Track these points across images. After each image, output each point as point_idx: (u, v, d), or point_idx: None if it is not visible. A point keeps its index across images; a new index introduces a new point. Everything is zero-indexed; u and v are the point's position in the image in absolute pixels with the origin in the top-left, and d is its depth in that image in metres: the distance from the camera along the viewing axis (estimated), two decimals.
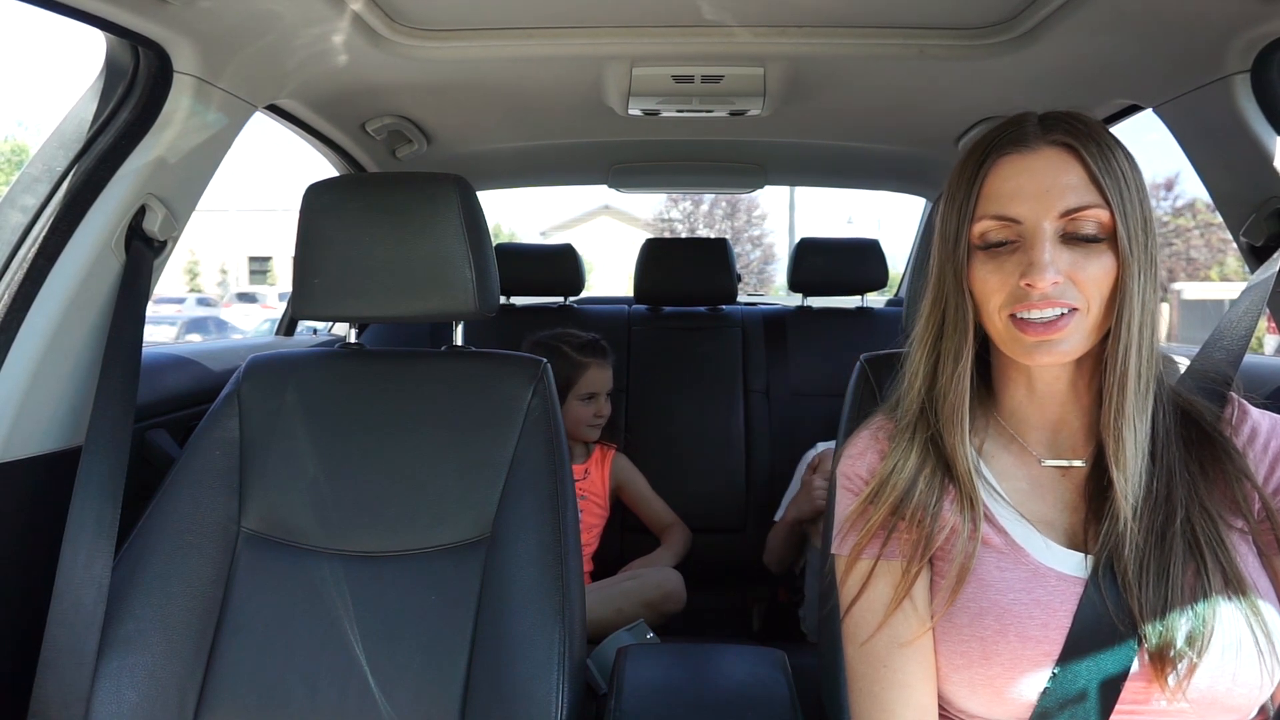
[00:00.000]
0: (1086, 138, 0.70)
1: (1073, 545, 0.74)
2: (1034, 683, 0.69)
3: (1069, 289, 0.69)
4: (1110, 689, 0.68)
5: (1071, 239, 0.69)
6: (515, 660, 0.96)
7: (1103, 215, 0.69)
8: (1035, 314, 0.70)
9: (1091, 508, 0.73)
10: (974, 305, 0.74)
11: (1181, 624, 0.66)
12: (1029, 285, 0.69)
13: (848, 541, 0.79)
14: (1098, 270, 0.69)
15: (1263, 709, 0.70)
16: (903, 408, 0.80)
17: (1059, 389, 0.76)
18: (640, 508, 1.97)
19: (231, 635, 1.01)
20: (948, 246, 0.75)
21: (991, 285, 0.72)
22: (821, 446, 1.86)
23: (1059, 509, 0.76)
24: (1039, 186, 0.70)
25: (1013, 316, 0.71)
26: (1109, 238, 0.69)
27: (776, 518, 1.84)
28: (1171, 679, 0.66)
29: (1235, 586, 0.67)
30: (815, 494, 1.69)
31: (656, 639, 1.50)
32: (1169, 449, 0.72)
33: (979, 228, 0.72)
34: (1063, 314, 0.69)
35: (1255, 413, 0.76)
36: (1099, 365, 0.74)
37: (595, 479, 1.92)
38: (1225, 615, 0.66)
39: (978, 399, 0.80)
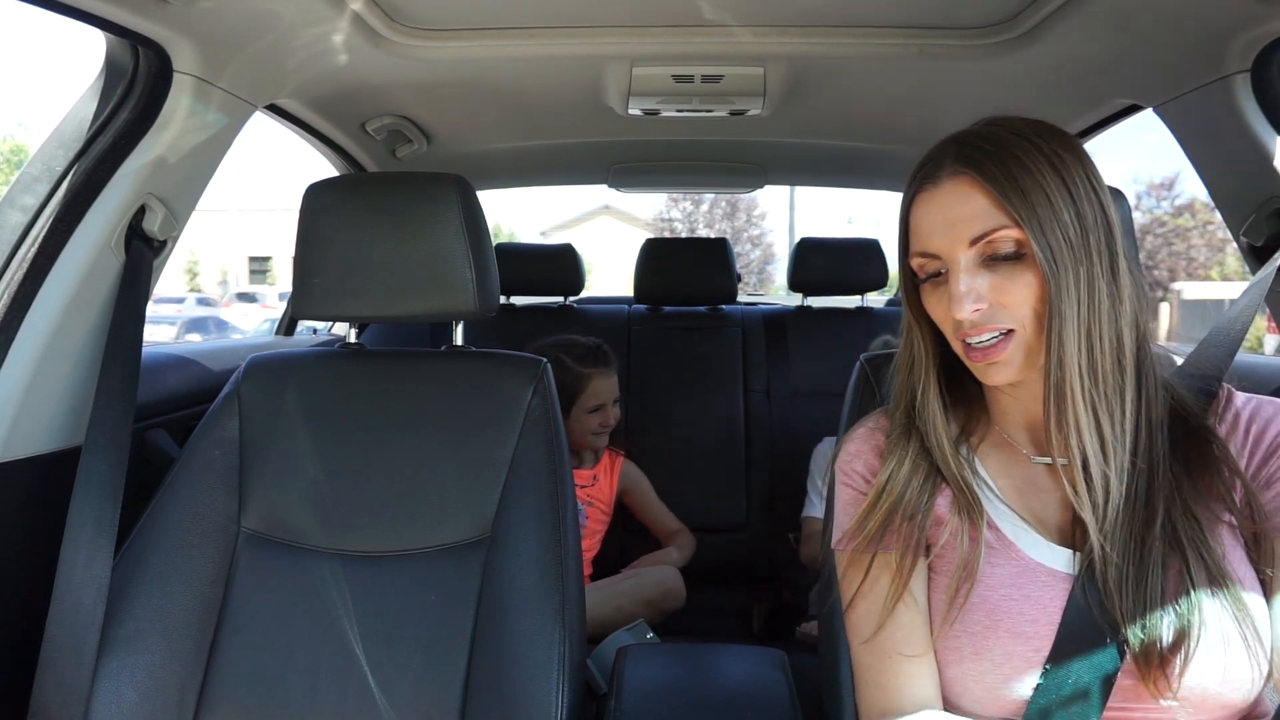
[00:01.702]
0: (987, 159, 0.70)
1: (1063, 542, 0.74)
2: (1025, 679, 0.70)
3: (996, 313, 0.70)
4: (1102, 687, 0.68)
5: (993, 262, 0.70)
6: (515, 660, 0.96)
7: (1012, 234, 0.69)
8: (974, 340, 0.72)
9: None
10: (933, 332, 0.78)
11: (1164, 626, 0.66)
12: (954, 317, 0.71)
13: (845, 535, 0.81)
14: (1023, 290, 0.70)
15: (1259, 703, 0.70)
16: (893, 420, 0.82)
17: (1039, 389, 0.76)
18: (645, 514, 1.96)
19: (231, 635, 1.01)
20: (902, 280, 0.79)
21: (939, 315, 0.76)
22: (829, 441, 1.85)
23: (1051, 506, 0.76)
24: (945, 220, 0.72)
25: (963, 343, 0.73)
26: (1027, 254, 0.69)
27: (809, 513, 1.82)
28: (1160, 679, 0.66)
29: (1220, 583, 0.67)
30: None
31: (656, 639, 1.50)
32: (1151, 449, 0.71)
33: (914, 263, 0.76)
34: (999, 337, 0.71)
35: (1240, 398, 0.76)
36: None
37: (603, 485, 1.91)
38: (1211, 613, 0.66)
39: (974, 399, 0.82)
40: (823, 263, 2.24)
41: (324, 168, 1.86)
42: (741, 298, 2.62)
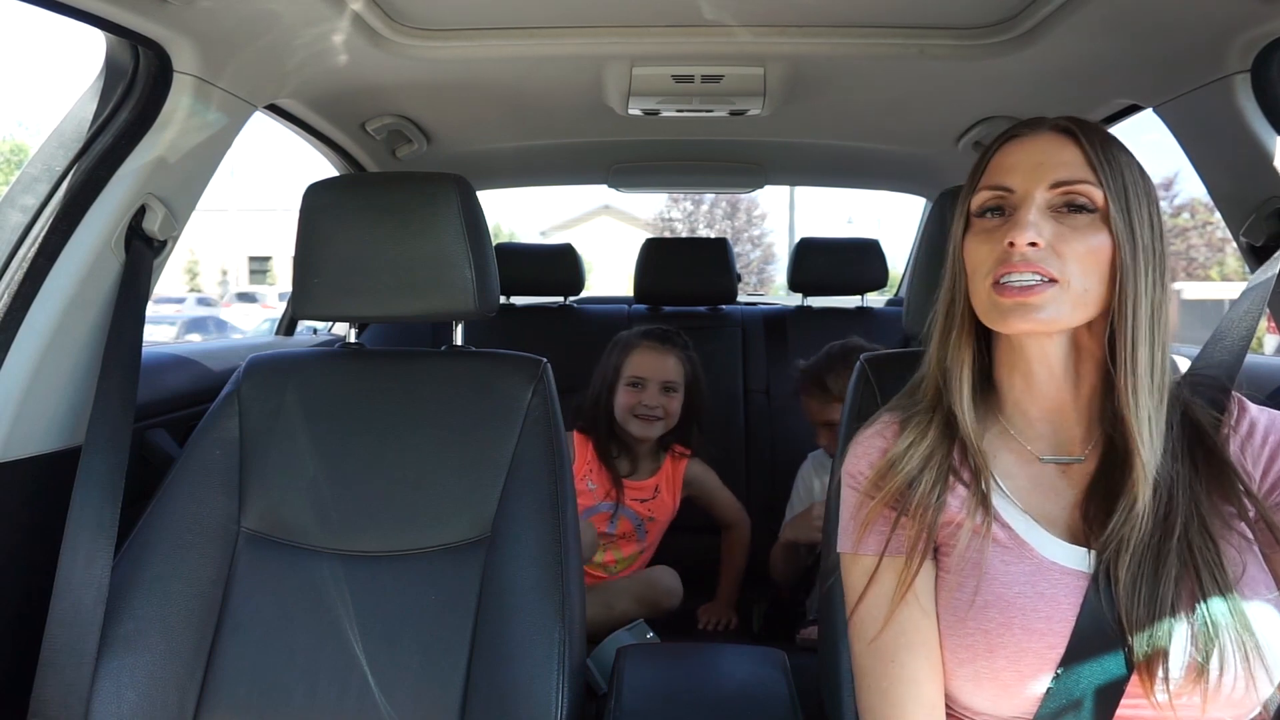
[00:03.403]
0: (1089, 130, 0.74)
1: (1074, 541, 0.74)
2: (1038, 677, 0.70)
3: (1049, 256, 0.70)
4: (1114, 687, 0.68)
5: (1061, 215, 0.71)
6: (515, 660, 0.96)
7: (1094, 192, 0.71)
8: (1014, 277, 0.70)
9: (1092, 504, 0.74)
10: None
11: (1173, 627, 0.66)
12: (1010, 244, 0.71)
13: (852, 537, 0.80)
14: (1082, 246, 0.70)
15: (1264, 706, 0.70)
16: (923, 389, 0.82)
17: (1057, 375, 0.76)
18: (712, 507, 1.89)
19: (231, 635, 1.01)
20: (955, 225, 0.79)
21: (980, 255, 0.74)
22: (813, 458, 1.85)
23: (1060, 505, 0.76)
24: (1034, 161, 0.73)
25: (995, 284, 0.72)
26: (1101, 216, 0.71)
27: (784, 537, 1.80)
28: (1165, 683, 0.66)
29: (1230, 590, 0.67)
30: (814, 523, 1.64)
31: (656, 639, 1.50)
32: (1173, 451, 0.72)
33: (977, 199, 0.76)
34: (1039, 281, 0.70)
35: (1254, 409, 0.76)
36: (1096, 352, 0.74)
37: (665, 498, 1.81)
38: (1220, 617, 0.66)
39: (980, 396, 0.81)
40: (823, 263, 2.25)
41: (324, 168, 1.86)
42: (741, 298, 2.62)
